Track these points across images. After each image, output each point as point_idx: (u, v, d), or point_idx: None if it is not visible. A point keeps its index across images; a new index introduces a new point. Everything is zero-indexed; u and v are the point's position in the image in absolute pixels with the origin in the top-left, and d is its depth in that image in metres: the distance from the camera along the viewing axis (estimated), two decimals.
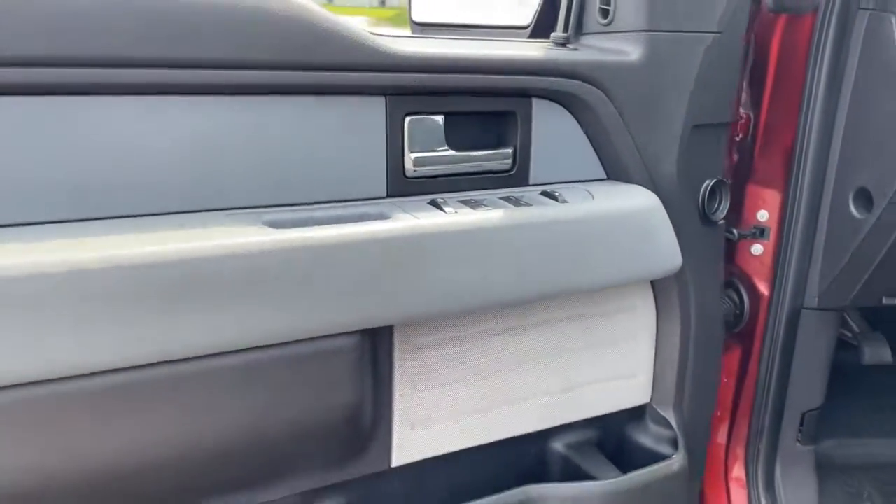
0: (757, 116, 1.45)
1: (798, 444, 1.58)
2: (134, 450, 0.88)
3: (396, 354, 1.08)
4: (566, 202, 1.11)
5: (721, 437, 1.61)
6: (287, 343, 0.93)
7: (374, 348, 1.05)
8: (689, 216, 1.27)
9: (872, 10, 1.31)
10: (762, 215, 1.47)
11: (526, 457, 1.26)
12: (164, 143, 0.90)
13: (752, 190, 1.48)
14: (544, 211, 1.08)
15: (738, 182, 1.49)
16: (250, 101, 0.94)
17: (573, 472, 1.27)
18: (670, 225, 1.20)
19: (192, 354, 0.87)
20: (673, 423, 1.35)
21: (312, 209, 0.99)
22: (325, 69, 0.96)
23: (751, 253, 1.50)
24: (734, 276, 1.54)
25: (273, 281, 0.88)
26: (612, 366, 1.30)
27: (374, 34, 1.00)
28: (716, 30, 1.21)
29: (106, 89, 0.86)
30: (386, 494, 1.14)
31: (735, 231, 1.47)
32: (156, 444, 0.89)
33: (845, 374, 1.78)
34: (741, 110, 1.45)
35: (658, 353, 1.34)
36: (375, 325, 0.98)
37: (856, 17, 1.33)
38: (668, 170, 1.22)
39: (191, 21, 0.87)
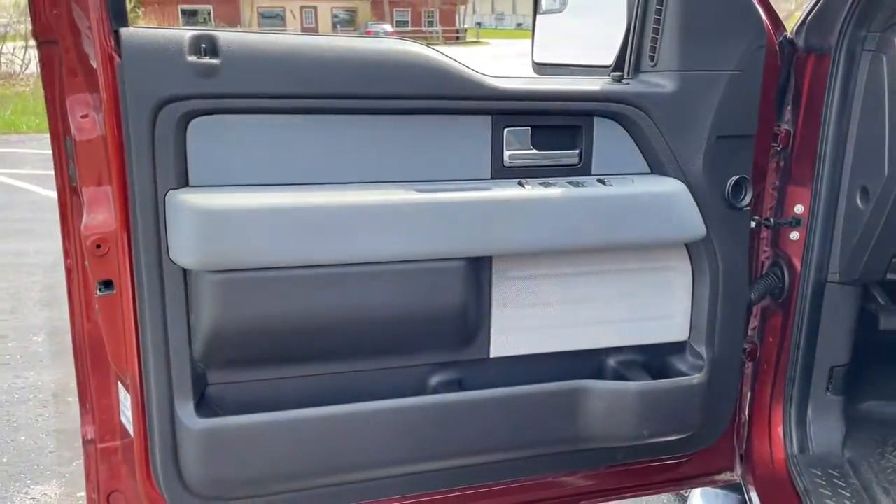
0: (794, 131, 1.91)
1: (828, 394, 1.98)
2: (345, 313, 1.54)
3: (494, 280, 1.67)
4: (612, 185, 1.65)
5: (766, 386, 2.04)
6: (426, 260, 1.56)
7: (479, 272, 1.65)
8: (715, 202, 1.75)
9: (873, 51, 1.74)
10: (798, 208, 1.91)
11: (588, 365, 1.80)
12: (361, 143, 1.56)
13: (790, 189, 1.92)
14: (595, 189, 1.63)
15: (781, 182, 1.94)
16: (407, 119, 1.58)
17: (620, 380, 1.79)
18: (695, 204, 1.70)
19: (369, 260, 1.52)
20: (704, 356, 1.82)
21: (444, 183, 1.61)
22: (454, 98, 1.58)
23: (790, 239, 1.94)
24: (779, 258, 1.98)
25: (418, 221, 1.51)
26: (657, 308, 1.81)
27: (486, 75, 1.61)
28: (735, 68, 1.70)
29: (324, 110, 1.52)
30: (486, 375, 1.73)
31: (772, 220, 1.93)
32: (354, 312, 1.55)
33: None
34: (783, 126, 1.91)
35: (694, 303, 1.83)
36: (477, 255, 1.59)
37: (861, 57, 1.76)
38: (696, 167, 1.72)
39: (367, 68, 1.51)
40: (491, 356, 1.72)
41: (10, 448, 3.43)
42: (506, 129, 1.65)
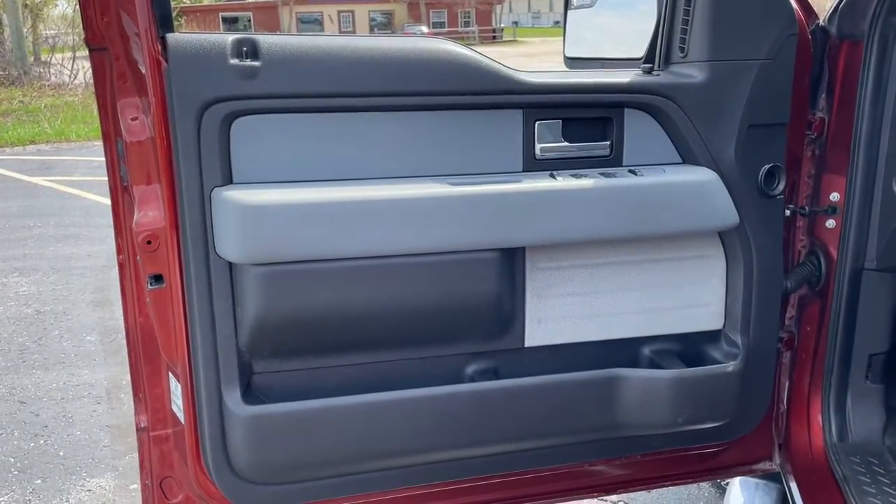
0: (829, 119, 1.91)
1: (868, 382, 1.98)
2: (382, 304, 1.60)
3: (528, 271, 1.71)
4: (643, 175, 1.68)
5: (805, 375, 2.04)
6: (460, 252, 1.60)
7: (512, 263, 1.69)
8: (748, 190, 1.76)
9: None
10: (834, 196, 1.91)
11: (622, 354, 1.83)
12: (402, 139, 1.61)
13: (826, 177, 1.92)
14: (626, 179, 1.66)
15: (817, 170, 1.94)
16: (439, 115, 1.62)
17: (655, 369, 1.81)
18: (727, 193, 1.72)
19: (410, 252, 1.57)
20: (739, 344, 1.84)
21: (476, 177, 1.65)
22: (485, 94, 1.62)
23: (826, 227, 1.94)
24: (815, 246, 1.98)
25: (453, 214, 1.56)
26: (691, 297, 1.83)
27: (516, 70, 1.65)
28: (766, 57, 1.71)
29: (366, 108, 1.58)
30: (521, 364, 1.77)
31: (807, 208, 1.93)
32: (391, 303, 1.61)
33: None
34: (817, 114, 1.91)
35: (729, 291, 1.84)
36: (510, 246, 1.63)
37: (894, 43, 1.76)
38: (728, 156, 1.73)
39: (403, 66, 1.56)
40: (526, 345, 1.75)
41: (66, 442, 3.57)
42: (537, 123, 1.68)
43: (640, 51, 1.96)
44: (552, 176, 1.66)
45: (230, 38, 1.49)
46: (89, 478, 3.29)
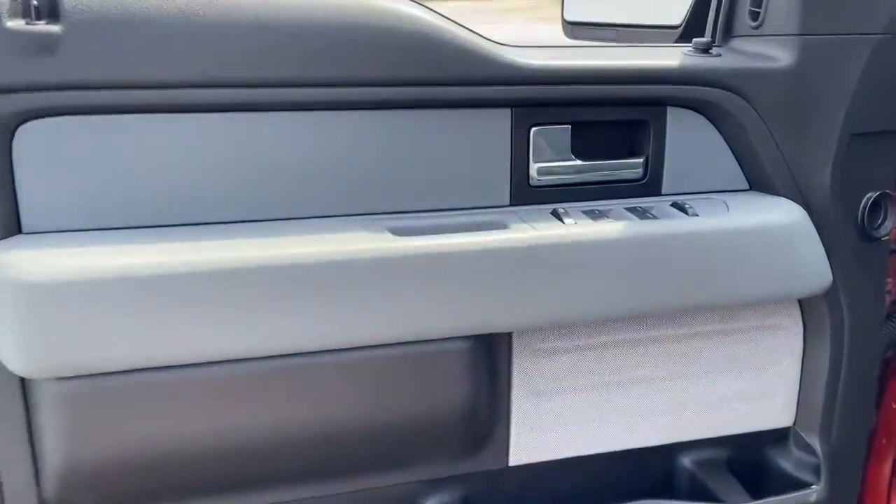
0: None
1: None
2: (264, 431, 0.99)
3: (515, 358, 1.11)
4: (696, 215, 1.07)
5: (885, 468, 1.48)
6: (403, 343, 0.99)
7: (492, 351, 1.09)
8: (845, 231, 1.17)
9: None
10: None
11: (650, 469, 1.24)
12: (300, 153, 0.99)
13: None
14: (669, 224, 1.05)
15: None
16: (379, 115, 1.00)
17: (699, 492, 1.23)
18: (818, 240, 1.13)
19: (314, 349, 0.95)
20: (818, 449, 1.26)
21: (435, 216, 1.04)
22: (452, 84, 1.00)
23: None
24: None
25: (392, 285, 0.94)
26: (750, 384, 1.24)
27: (501, 45, 1.03)
28: (883, 31, 1.11)
29: (247, 107, 0.95)
30: (504, 492, 1.18)
31: None
32: (281, 426, 0.99)
33: None
34: None
35: (804, 375, 1.26)
36: (489, 332, 1.02)
37: None
38: (821, 182, 1.14)
39: (321, 41, 0.94)
40: (511, 464, 1.16)
41: None
42: (533, 129, 1.07)
43: (676, 14, 1.35)
44: (556, 215, 1.05)
45: None
46: None
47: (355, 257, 0.93)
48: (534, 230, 1.01)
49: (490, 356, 1.09)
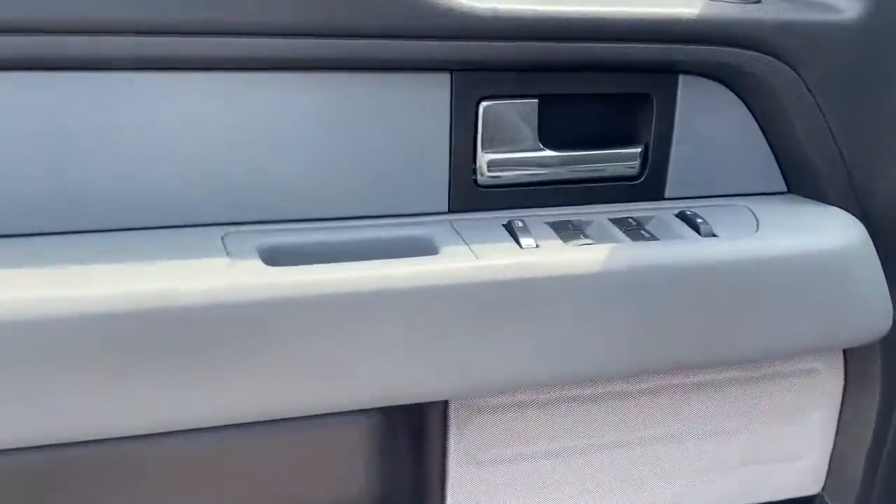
0: None
1: None
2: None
3: (451, 421, 0.81)
4: (712, 235, 0.75)
5: None
6: (293, 419, 0.69)
7: (421, 417, 0.79)
8: None
9: None
10: None
11: None
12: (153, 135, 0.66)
13: None
14: (672, 250, 0.73)
15: None
16: (257, 80, 0.68)
17: None
18: (881, 271, 0.81)
19: (196, 425, 0.65)
20: None
21: (328, 230, 0.72)
22: (363, 36, 0.67)
23: None
24: None
25: (267, 340, 0.63)
26: (767, 444, 0.95)
27: None
28: None
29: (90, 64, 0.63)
30: None
31: None
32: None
33: None
34: None
35: (841, 433, 0.96)
36: (405, 402, 0.71)
37: None
38: (888, 186, 0.82)
39: None
40: None
41: None
42: (483, 104, 0.74)
43: None
44: (510, 231, 0.73)
45: None
46: None
47: (195, 302, 0.62)
48: (473, 258, 0.69)
49: (415, 424, 0.78)
